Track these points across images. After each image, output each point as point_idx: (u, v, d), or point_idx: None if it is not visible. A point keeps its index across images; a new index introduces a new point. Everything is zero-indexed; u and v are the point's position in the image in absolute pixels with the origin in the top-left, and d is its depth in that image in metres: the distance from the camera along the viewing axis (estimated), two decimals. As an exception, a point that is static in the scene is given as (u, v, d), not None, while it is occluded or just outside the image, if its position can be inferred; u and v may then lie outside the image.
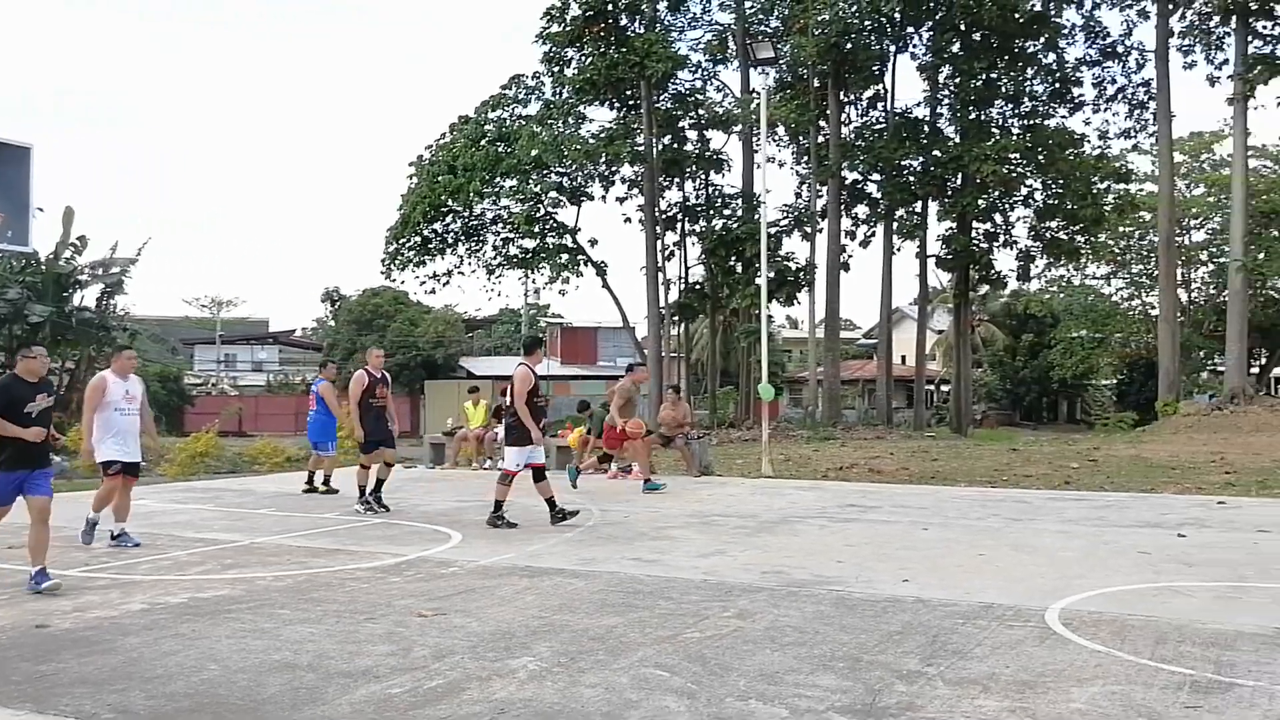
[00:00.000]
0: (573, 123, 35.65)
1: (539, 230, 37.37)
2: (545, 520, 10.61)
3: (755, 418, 28.07)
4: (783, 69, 35.90)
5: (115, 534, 9.42)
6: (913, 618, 6.53)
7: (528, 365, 10.94)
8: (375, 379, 12.15)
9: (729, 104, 38.09)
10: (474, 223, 38.89)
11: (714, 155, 37.64)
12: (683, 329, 44.30)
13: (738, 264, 33.79)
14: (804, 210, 37.39)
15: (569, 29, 34.07)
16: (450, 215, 38.17)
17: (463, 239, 39.17)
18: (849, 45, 34.09)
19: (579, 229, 37.85)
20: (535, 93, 37.53)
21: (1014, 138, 34.47)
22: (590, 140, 34.97)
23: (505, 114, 37.62)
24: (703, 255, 36.23)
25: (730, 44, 35.90)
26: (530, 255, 38.07)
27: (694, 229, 38.01)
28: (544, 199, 37.29)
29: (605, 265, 37.74)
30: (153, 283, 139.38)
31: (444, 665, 5.48)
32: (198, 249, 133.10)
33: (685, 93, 36.78)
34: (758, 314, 24.37)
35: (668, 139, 36.36)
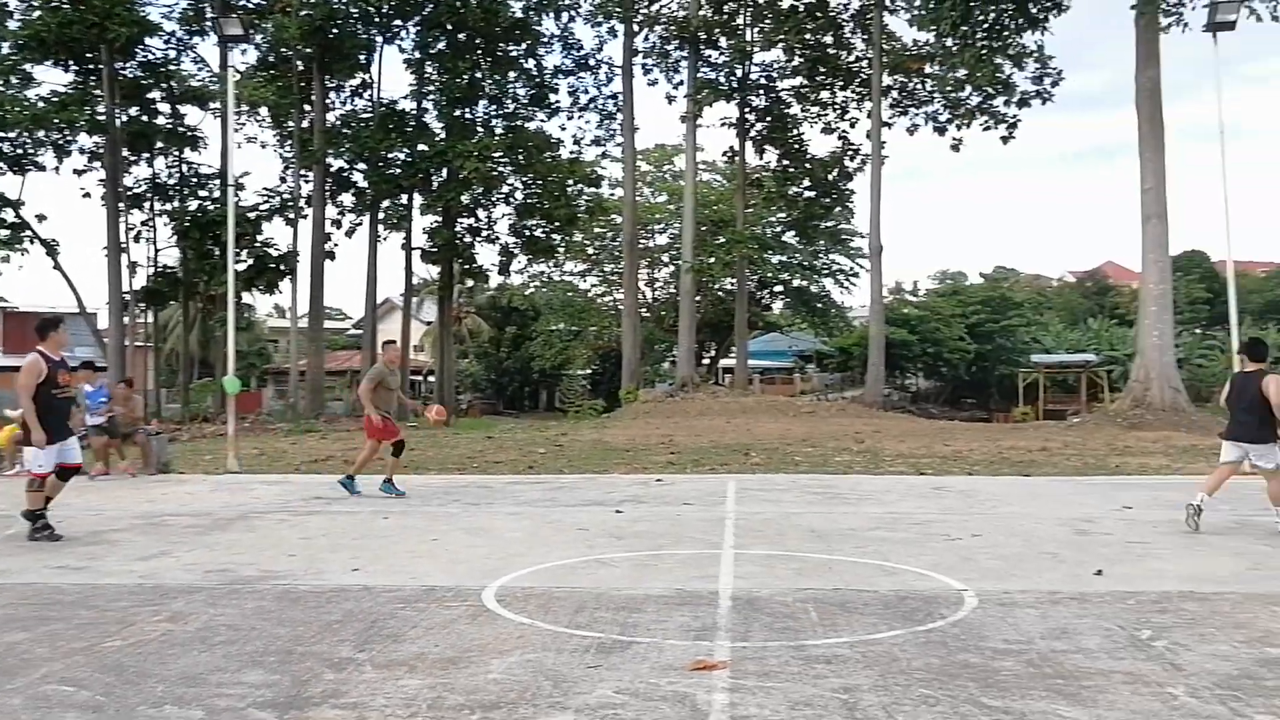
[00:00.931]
0: (16, 82, 31.58)
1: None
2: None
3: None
4: (264, 48, 34.53)
5: None
6: (355, 605, 6.56)
7: (41, 351, 9.24)
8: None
9: (207, 78, 35.89)
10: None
11: (188, 131, 35.30)
12: (153, 317, 41.05)
13: (214, 248, 31.99)
14: (288, 196, 36.24)
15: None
16: None
17: None
18: (334, 31, 33.55)
19: (23, 202, 33.59)
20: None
21: (496, 137, 35.90)
22: (39, 104, 31.27)
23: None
24: (174, 237, 33.85)
25: (209, 14, 33.85)
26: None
27: (166, 209, 35.41)
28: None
29: (56, 244, 33.85)
30: None
31: None
32: None
33: (156, 62, 34.12)
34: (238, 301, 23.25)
35: (135, 110, 33.55)
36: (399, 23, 36.09)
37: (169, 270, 35.06)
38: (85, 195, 34.06)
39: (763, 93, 42.46)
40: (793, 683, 4.86)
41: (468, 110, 36.77)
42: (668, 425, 27.32)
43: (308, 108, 35.45)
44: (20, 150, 33.03)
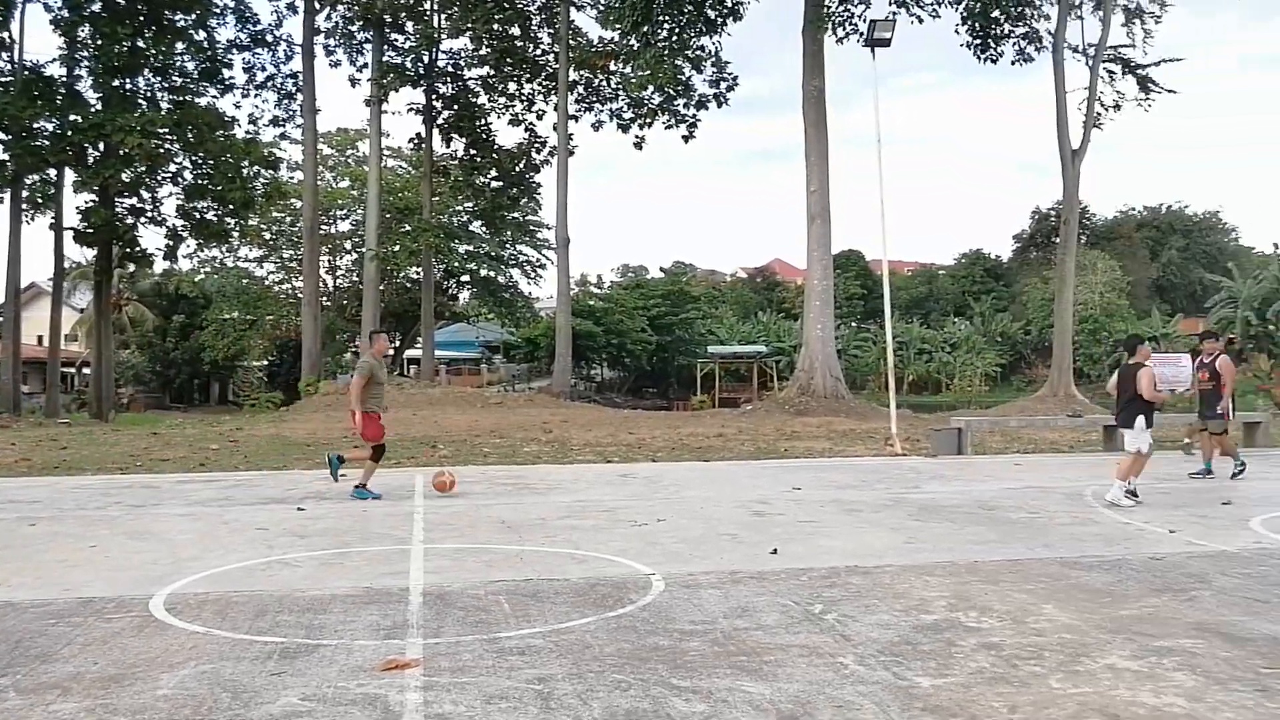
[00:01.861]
0: None
1: None
2: None
3: None
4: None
5: None
6: (-4, 625, 5.88)
7: None
8: None
9: None
10: None
11: None
12: None
13: None
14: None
15: None
16: None
17: None
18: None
19: None
20: None
21: (162, 112, 33.37)
22: None
23: None
24: None
25: None
26: None
27: None
28: None
29: None
30: None
31: None
32: None
33: None
34: None
35: None
36: (45, -23, 32.76)
37: None
38: None
39: (450, 80, 42.03)
40: (487, 676, 4.80)
41: (129, 81, 33.88)
42: (349, 418, 26.43)
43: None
44: None
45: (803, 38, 29.78)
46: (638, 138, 39.97)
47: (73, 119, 31.83)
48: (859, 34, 29.46)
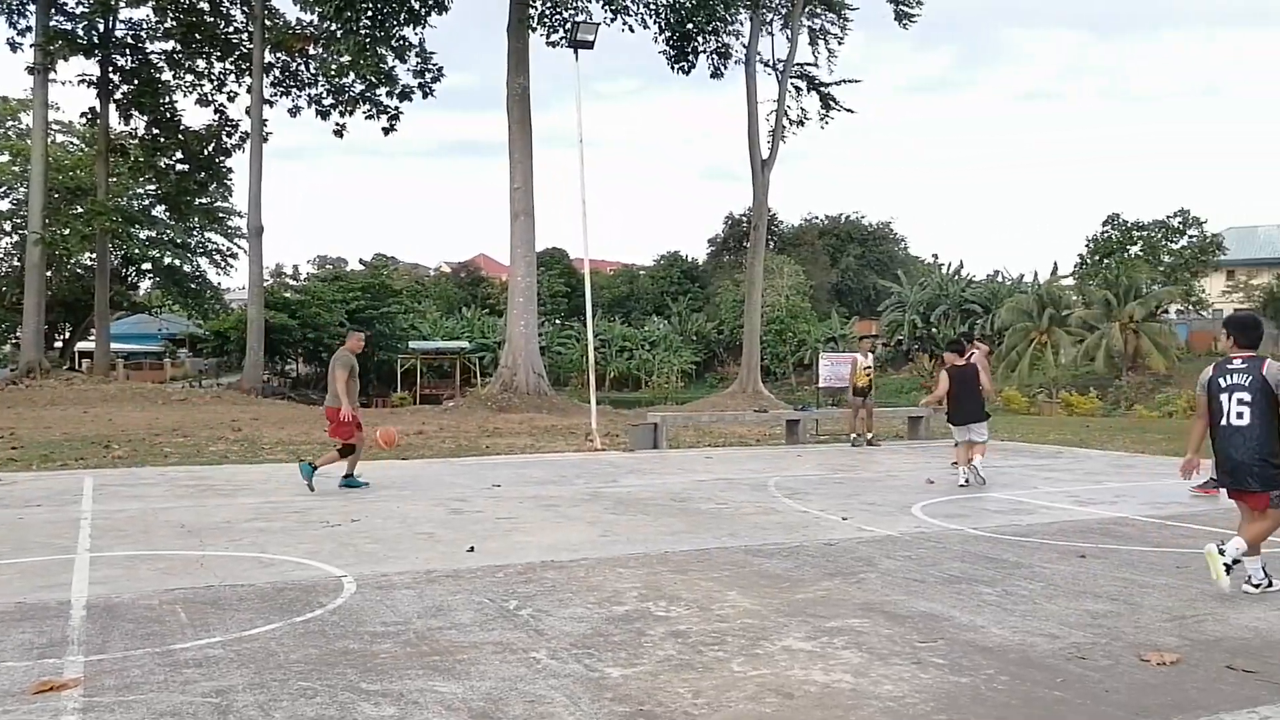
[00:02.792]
0: None
1: None
2: None
3: None
4: None
5: None
6: None
7: None
8: None
9: None
10: None
11: None
12: None
13: None
14: None
15: None
16: None
17: None
18: None
19: None
20: None
21: None
22: None
23: None
24: None
25: None
26: None
27: None
28: None
29: None
30: None
31: None
32: None
33: None
34: None
35: None
36: None
37: None
38: None
39: (130, 53, 38.95)
40: (158, 692, 4.47)
41: None
42: (9, 416, 24.07)
43: None
44: None
45: (508, 35, 29.78)
46: (338, 125, 38.68)
47: None
48: (566, 37, 29.84)
